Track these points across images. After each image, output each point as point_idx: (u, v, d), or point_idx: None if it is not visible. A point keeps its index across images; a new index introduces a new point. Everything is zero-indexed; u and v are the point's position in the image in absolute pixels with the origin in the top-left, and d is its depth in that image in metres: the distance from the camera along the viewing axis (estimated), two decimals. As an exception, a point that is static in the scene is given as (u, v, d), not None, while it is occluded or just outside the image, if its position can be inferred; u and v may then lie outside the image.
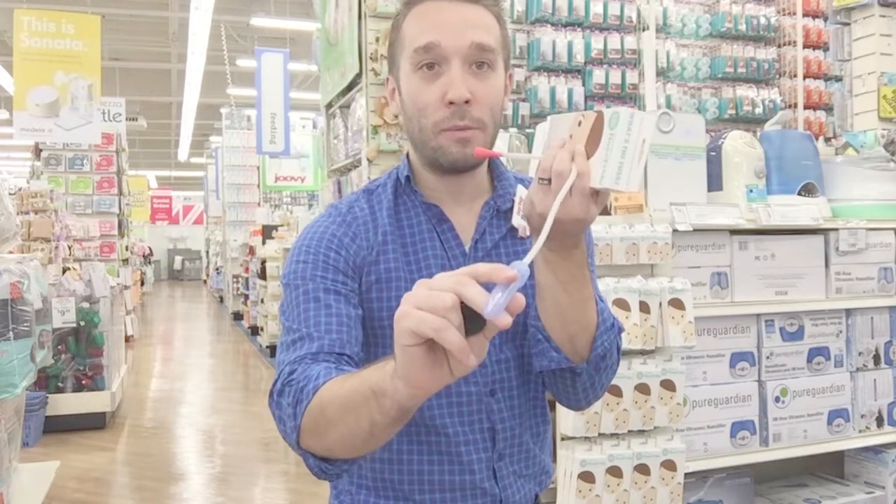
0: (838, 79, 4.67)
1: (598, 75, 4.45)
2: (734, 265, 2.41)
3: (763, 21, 4.82)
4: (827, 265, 2.55)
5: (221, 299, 16.01)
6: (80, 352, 5.44)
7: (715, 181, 2.48)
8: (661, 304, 2.13)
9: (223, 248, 14.48)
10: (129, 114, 11.96)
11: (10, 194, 5.62)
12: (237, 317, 12.60)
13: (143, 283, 16.04)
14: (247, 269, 11.28)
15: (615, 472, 2.05)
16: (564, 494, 2.06)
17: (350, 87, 4.37)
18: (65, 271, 5.79)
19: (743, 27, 4.76)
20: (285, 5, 10.53)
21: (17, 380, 3.01)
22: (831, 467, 2.77)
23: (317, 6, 4.97)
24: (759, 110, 4.76)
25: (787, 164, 2.53)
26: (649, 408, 2.11)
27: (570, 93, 4.40)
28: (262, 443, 5.22)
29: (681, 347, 2.16)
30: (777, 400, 2.44)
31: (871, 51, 3.60)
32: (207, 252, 20.24)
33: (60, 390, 5.40)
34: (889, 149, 2.95)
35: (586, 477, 2.03)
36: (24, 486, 3.57)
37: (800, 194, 2.54)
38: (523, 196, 1.03)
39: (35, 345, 3.20)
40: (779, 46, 4.94)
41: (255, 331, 10.03)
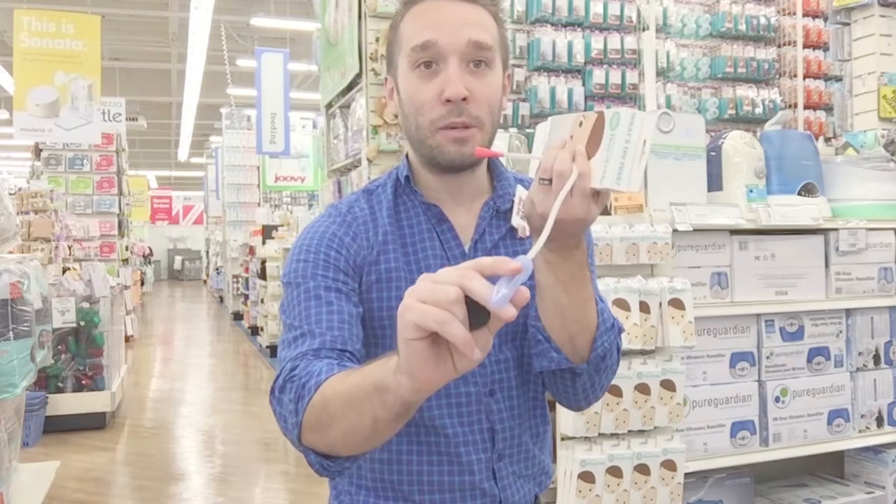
0: (838, 79, 4.67)
1: (598, 75, 4.45)
2: (734, 265, 2.41)
3: (763, 21, 4.82)
4: (827, 265, 2.55)
5: (221, 299, 16.02)
6: (80, 352, 5.44)
7: (715, 181, 2.48)
8: (661, 304, 2.13)
9: (223, 248, 14.49)
10: (129, 114, 11.96)
11: (10, 194, 5.62)
12: (237, 317, 12.60)
13: (143, 283, 16.04)
14: (247, 269, 11.28)
15: (615, 472, 2.06)
16: (564, 494, 2.06)
17: (350, 87, 4.37)
18: (65, 271, 5.79)
19: (743, 27, 4.76)
20: (285, 5, 10.53)
21: (17, 380, 3.01)
22: (831, 467, 2.77)
23: (317, 6, 4.97)
24: (759, 110, 4.76)
25: (787, 164, 2.53)
26: (649, 408, 2.11)
27: (570, 93, 4.40)
28: (262, 443, 5.22)
29: (681, 347, 2.16)
30: (777, 400, 2.44)
31: (871, 51, 3.60)
32: (207, 252, 20.24)
33: (60, 390, 5.40)
34: (889, 149, 2.95)
35: (586, 477, 2.03)
36: (24, 486, 3.57)
37: (800, 194, 2.54)
38: (523, 196, 1.03)
39: (35, 345, 3.20)
40: (779, 46, 4.94)
41: (255, 331, 10.03)
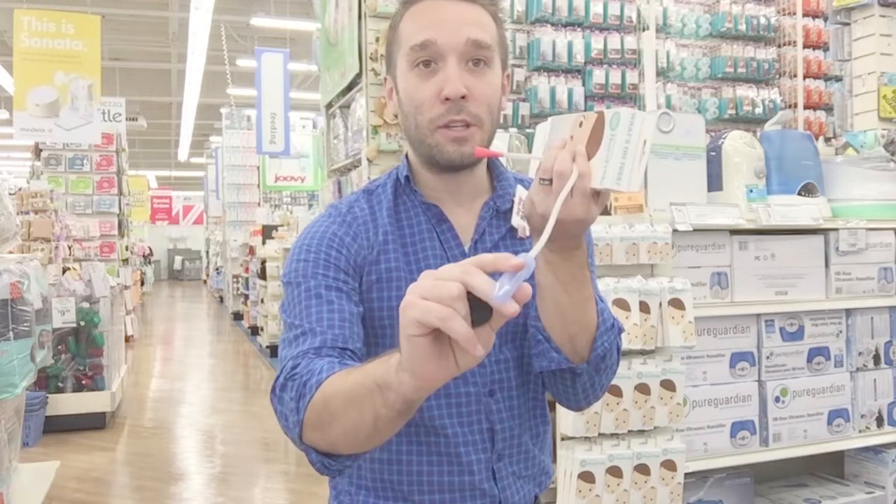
0: (838, 79, 4.67)
1: (598, 75, 4.45)
2: (734, 265, 2.41)
3: (763, 21, 4.82)
4: (827, 265, 2.55)
5: (221, 299, 16.02)
6: (80, 352, 5.44)
7: (715, 181, 2.48)
8: (661, 304, 2.13)
9: (223, 248, 14.49)
10: (129, 114, 11.96)
11: (10, 194, 5.62)
12: (237, 317, 12.60)
13: (143, 283, 16.04)
14: (247, 269, 11.28)
15: (615, 472, 2.06)
16: (564, 494, 2.06)
17: (350, 87, 4.37)
18: (65, 271, 5.79)
19: (743, 27, 4.76)
20: (285, 5, 10.53)
21: (17, 380, 3.01)
22: (831, 467, 2.77)
23: (317, 6, 4.96)
24: (759, 110, 4.76)
25: (787, 164, 2.53)
26: (649, 408, 2.11)
27: (570, 93, 4.40)
28: (262, 443, 5.22)
29: (681, 347, 2.16)
30: (777, 400, 2.44)
31: (871, 51, 3.60)
32: (207, 252, 20.24)
33: (60, 390, 5.40)
34: (889, 149, 2.95)
35: (586, 477, 2.03)
36: (24, 486, 3.57)
37: (800, 194, 2.54)
38: (523, 197, 1.03)
39: (35, 345, 3.20)
40: (779, 46, 4.94)
41: (255, 331, 10.03)
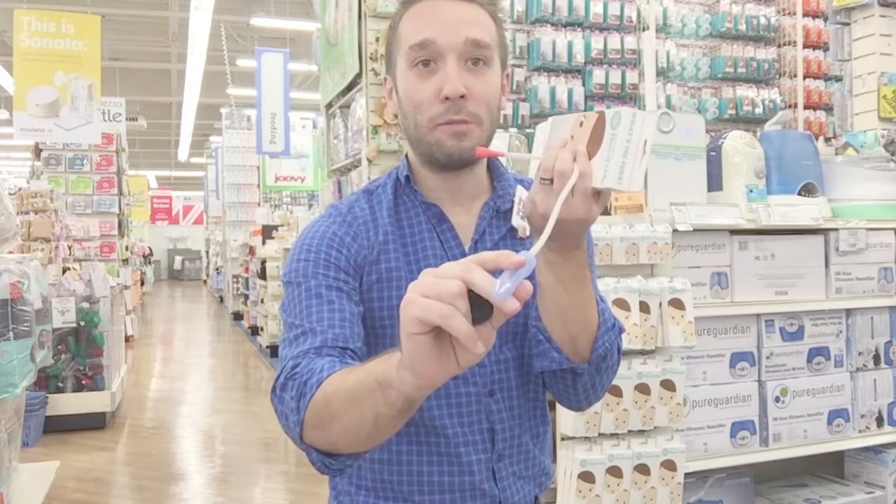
0: (838, 79, 4.67)
1: (598, 75, 4.45)
2: (734, 265, 2.41)
3: (763, 21, 4.82)
4: (827, 265, 2.55)
5: (221, 299, 16.02)
6: (80, 352, 5.44)
7: (715, 181, 2.48)
8: (661, 304, 2.13)
9: (223, 248, 14.49)
10: (129, 114, 11.96)
11: (10, 194, 5.62)
12: (237, 317, 12.60)
13: (143, 283, 16.04)
14: (247, 269, 11.28)
15: (615, 472, 2.06)
16: (564, 494, 2.06)
17: (350, 87, 4.37)
18: (65, 271, 5.79)
19: (743, 27, 4.76)
20: (285, 5, 10.53)
21: (17, 380, 3.01)
22: (831, 467, 2.77)
23: (317, 6, 4.96)
24: (759, 110, 4.76)
25: (787, 164, 2.53)
26: (649, 408, 2.11)
27: (570, 93, 4.40)
28: (262, 443, 5.22)
29: (681, 347, 2.16)
30: (777, 400, 2.44)
31: (871, 51, 3.60)
32: (207, 252, 20.24)
33: (60, 390, 5.40)
34: (889, 149, 2.95)
35: (586, 477, 2.03)
36: (24, 486, 3.57)
37: (800, 194, 2.54)
38: (523, 197, 1.03)
39: (35, 345, 3.20)
40: (779, 46, 4.94)
41: (255, 331, 10.03)
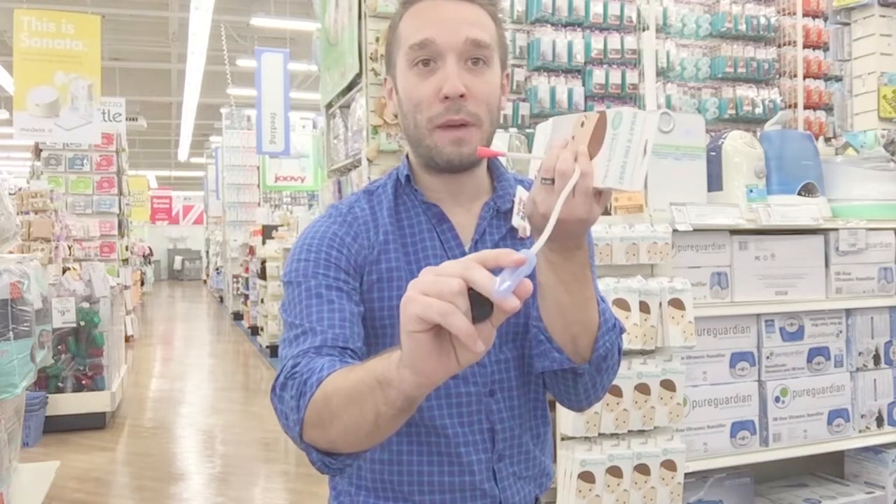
0: (838, 79, 4.68)
1: (598, 75, 4.45)
2: (734, 265, 2.41)
3: (763, 21, 4.82)
4: (827, 265, 2.55)
5: (221, 299, 16.02)
6: (80, 352, 5.44)
7: (715, 181, 2.48)
8: (661, 304, 2.13)
9: (223, 248, 14.49)
10: (129, 114, 11.96)
11: (10, 194, 5.62)
12: (237, 317, 12.60)
13: (143, 283, 16.04)
14: (247, 269, 11.28)
15: (615, 472, 2.06)
16: (564, 494, 2.06)
17: (350, 87, 4.37)
18: (65, 271, 5.79)
19: (743, 27, 4.76)
20: (285, 5, 10.53)
21: (17, 380, 3.01)
22: (831, 467, 2.77)
23: (317, 6, 4.96)
24: (759, 110, 4.76)
25: (787, 164, 2.53)
26: (649, 408, 2.11)
27: (570, 93, 4.40)
28: (262, 443, 5.22)
29: (681, 347, 2.16)
30: (777, 400, 2.44)
31: (871, 51, 3.60)
32: (207, 252, 20.24)
33: (60, 390, 5.40)
34: (889, 149, 2.95)
35: (586, 477, 2.03)
36: (24, 486, 3.57)
37: (800, 194, 2.54)
38: (523, 197, 1.03)
39: (35, 345, 3.20)
40: (779, 46, 4.94)
41: (255, 331, 10.03)
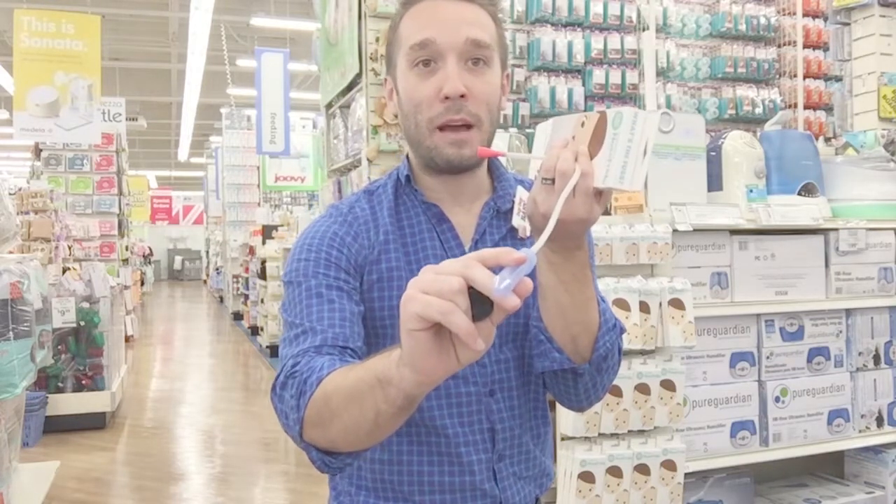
0: (838, 79, 4.68)
1: (598, 75, 4.45)
2: (734, 265, 2.41)
3: (763, 21, 4.82)
4: (827, 265, 2.55)
5: (221, 299, 16.02)
6: (80, 352, 5.44)
7: (715, 181, 2.48)
8: (661, 304, 2.13)
9: (223, 248, 14.49)
10: (129, 114, 11.96)
11: (10, 194, 5.62)
12: (237, 317, 12.60)
13: (143, 283, 16.04)
14: (247, 269, 11.28)
15: (615, 472, 2.06)
16: (564, 494, 2.06)
17: (350, 87, 4.37)
18: (65, 271, 5.79)
19: (743, 27, 4.76)
20: (285, 5, 10.53)
21: (17, 380, 3.01)
22: (831, 467, 2.77)
23: (317, 6, 4.97)
24: (759, 110, 4.76)
25: (787, 164, 2.53)
26: (649, 408, 2.11)
27: (570, 93, 4.40)
28: (262, 443, 5.22)
29: (681, 347, 2.16)
30: (777, 400, 2.44)
31: (871, 51, 3.60)
32: (207, 252, 20.24)
33: (60, 390, 5.40)
34: (889, 149, 2.95)
35: (586, 477, 2.03)
36: (24, 486, 3.57)
37: (800, 194, 2.54)
38: (523, 198, 1.03)
39: (35, 345, 3.20)
40: (779, 46, 4.94)
41: (255, 331, 10.03)
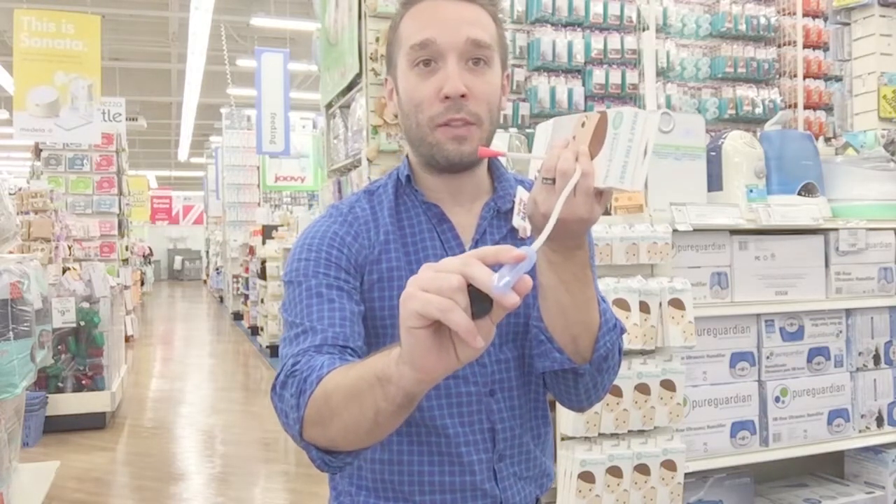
0: (838, 79, 4.68)
1: (598, 75, 4.45)
2: (734, 265, 2.41)
3: (763, 21, 4.82)
4: (827, 265, 2.55)
5: (221, 299, 16.02)
6: (80, 352, 5.44)
7: (715, 181, 2.48)
8: (661, 304, 2.13)
9: (223, 248, 14.49)
10: (129, 114, 11.96)
11: (10, 194, 5.62)
12: (237, 317, 12.60)
13: (143, 283, 16.04)
14: (247, 269, 11.28)
15: (615, 472, 2.06)
16: (564, 494, 2.06)
17: (350, 87, 4.37)
18: (65, 271, 5.79)
19: (743, 27, 4.76)
20: (285, 5, 10.53)
21: (17, 380, 3.01)
22: (831, 467, 2.77)
23: (317, 6, 4.97)
24: (759, 110, 4.76)
25: (787, 164, 2.53)
26: (649, 408, 2.11)
27: (570, 93, 4.40)
28: (262, 443, 5.22)
29: (681, 347, 2.16)
30: (777, 400, 2.44)
31: (871, 51, 3.60)
32: (207, 252, 20.24)
33: (60, 390, 5.40)
34: (889, 149, 2.95)
35: (586, 477, 2.03)
36: (24, 486, 3.57)
37: (800, 194, 2.54)
38: (524, 198, 1.03)
39: (35, 345, 3.20)
40: (779, 46, 4.94)
41: (255, 331, 10.03)
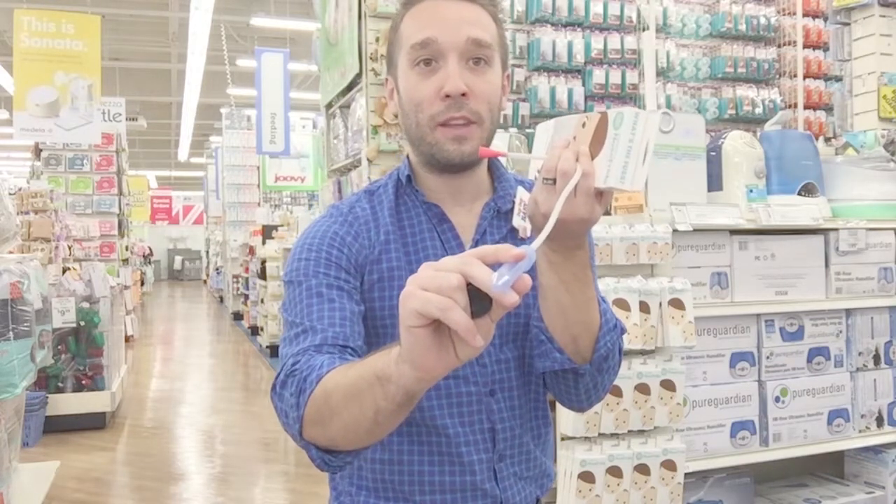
0: (838, 79, 4.68)
1: (598, 75, 4.45)
2: (734, 265, 2.41)
3: (763, 21, 4.82)
4: (827, 265, 2.55)
5: (221, 299, 16.02)
6: (80, 352, 5.44)
7: (715, 181, 2.48)
8: (661, 304, 2.13)
9: (223, 248, 14.49)
10: (129, 114, 11.96)
11: (10, 194, 5.62)
12: (237, 317, 12.60)
13: (143, 283, 16.04)
14: (247, 269, 11.28)
15: (615, 472, 2.06)
16: (564, 494, 2.06)
17: (350, 87, 4.38)
18: (65, 271, 5.79)
19: (743, 27, 4.76)
20: (285, 5, 10.53)
21: (17, 380, 3.01)
22: (831, 467, 2.77)
23: (317, 6, 4.97)
24: (759, 110, 4.77)
25: (787, 164, 2.53)
26: (649, 408, 2.11)
27: (570, 93, 4.40)
28: (262, 443, 5.22)
29: (681, 347, 2.16)
30: (777, 400, 2.44)
31: (871, 51, 3.60)
32: (207, 252, 20.24)
33: (60, 390, 5.40)
34: (889, 149, 2.95)
35: (586, 477, 2.03)
36: (24, 486, 3.57)
37: (800, 194, 2.54)
38: (524, 198, 1.03)
39: (35, 345, 3.20)
40: (779, 46, 4.94)
41: (255, 331, 10.03)
